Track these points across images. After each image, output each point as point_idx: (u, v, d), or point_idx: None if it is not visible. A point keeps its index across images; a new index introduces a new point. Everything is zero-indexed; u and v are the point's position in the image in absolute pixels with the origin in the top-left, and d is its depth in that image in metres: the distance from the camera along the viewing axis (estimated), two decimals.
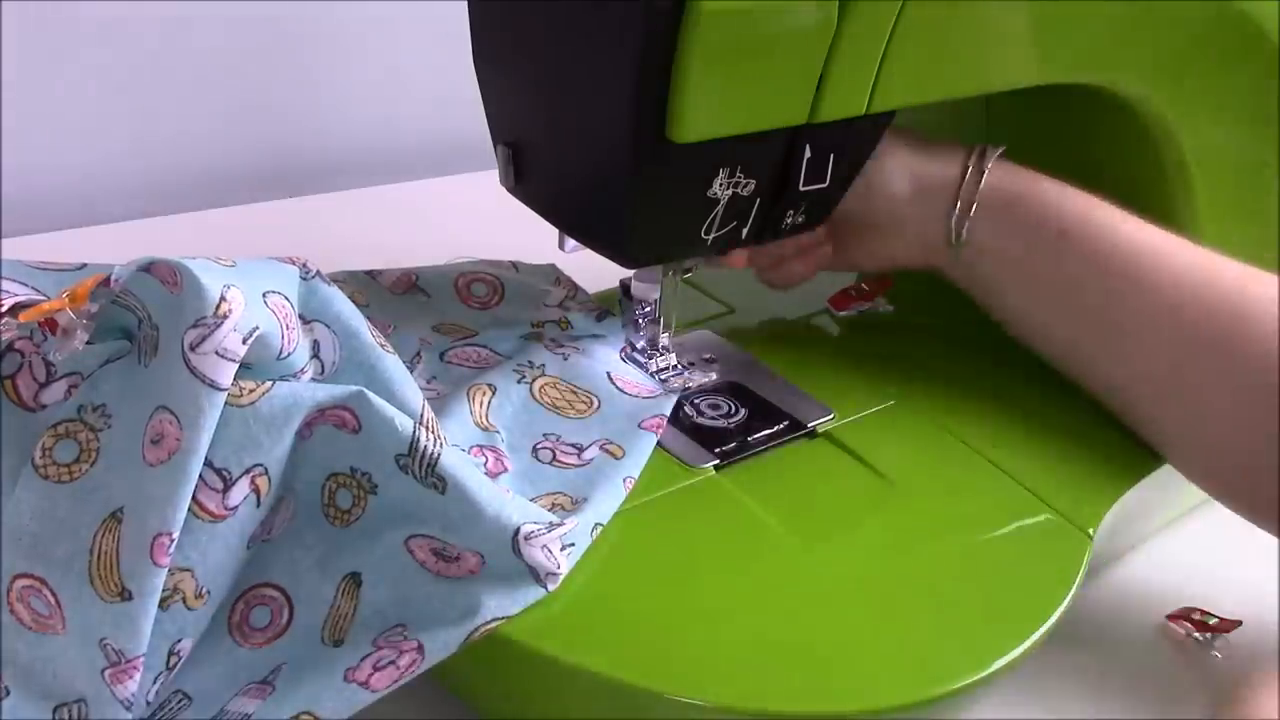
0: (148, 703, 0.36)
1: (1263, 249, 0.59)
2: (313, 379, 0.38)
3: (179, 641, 0.36)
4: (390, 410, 0.37)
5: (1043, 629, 0.43)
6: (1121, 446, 0.54)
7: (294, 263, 0.38)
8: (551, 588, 0.39)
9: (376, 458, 0.38)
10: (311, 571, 0.39)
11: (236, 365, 0.34)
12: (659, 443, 0.50)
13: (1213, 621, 0.51)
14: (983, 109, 0.64)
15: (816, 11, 0.40)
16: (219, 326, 0.33)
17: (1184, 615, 0.52)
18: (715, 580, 0.44)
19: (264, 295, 0.36)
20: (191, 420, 0.33)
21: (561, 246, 0.50)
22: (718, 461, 0.49)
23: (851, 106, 0.43)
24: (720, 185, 0.44)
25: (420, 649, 0.36)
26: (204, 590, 0.36)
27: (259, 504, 0.36)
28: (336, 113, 0.93)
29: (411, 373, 0.41)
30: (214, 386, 0.33)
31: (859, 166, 0.49)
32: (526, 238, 0.55)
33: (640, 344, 0.54)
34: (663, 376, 0.53)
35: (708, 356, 0.56)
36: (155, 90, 0.84)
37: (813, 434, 0.52)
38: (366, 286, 0.43)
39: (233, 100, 0.88)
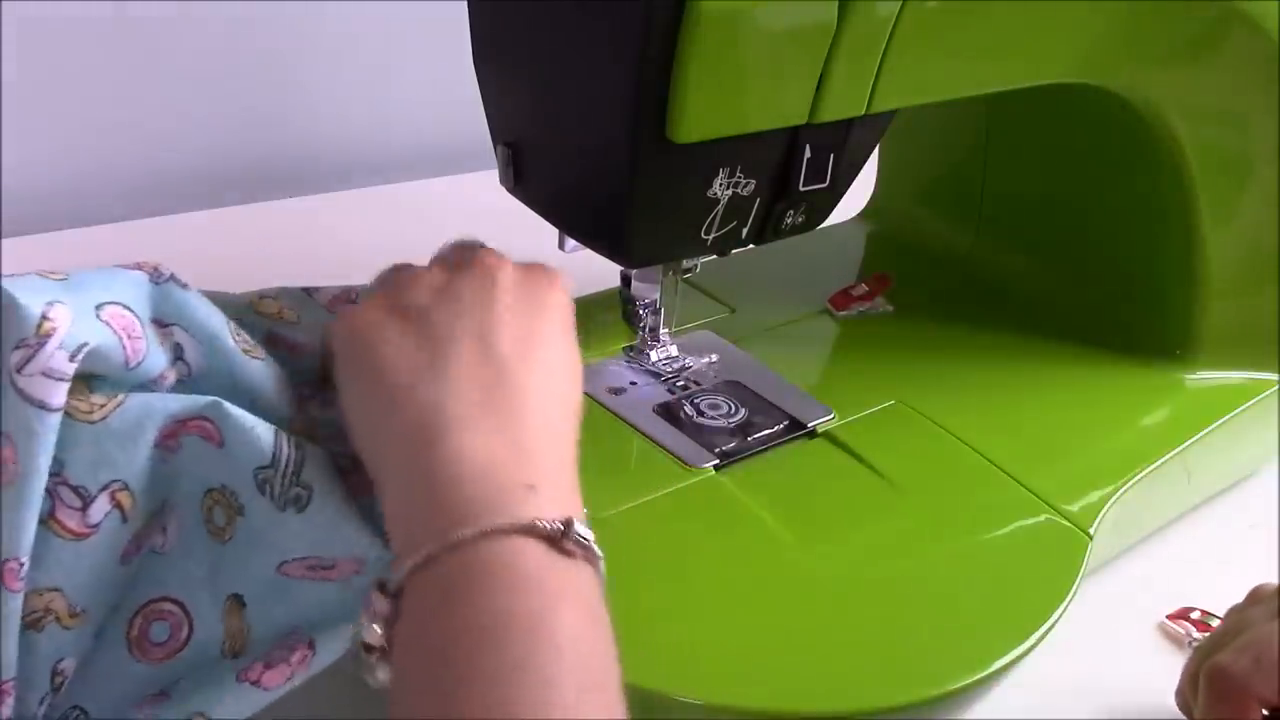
0: None
1: (1262, 249, 0.59)
2: (179, 381, 0.38)
3: (60, 661, 0.36)
4: (249, 420, 0.36)
5: (1043, 629, 0.43)
6: (1121, 446, 0.54)
7: (142, 268, 0.37)
8: None
9: (240, 475, 0.37)
10: (204, 587, 0.39)
11: (67, 384, 0.33)
12: (659, 443, 0.50)
13: (1213, 622, 0.51)
14: (983, 109, 0.64)
15: (816, 11, 0.40)
16: (42, 347, 0.33)
17: (1184, 615, 0.52)
18: (715, 580, 0.44)
19: (97, 308, 0.35)
20: (25, 444, 0.33)
21: (561, 246, 0.50)
22: (718, 461, 0.49)
23: (851, 106, 0.43)
24: (720, 185, 0.44)
25: (311, 645, 0.37)
26: (78, 609, 0.36)
27: (124, 519, 0.36)
28: (337, 113, 0.93)
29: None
30: (44, 408, 0.33)
31: (859, 166, 0.49)
32: (526, 238, 0.55)
33: (641, 334, 0.54)
34: (663, 366, 0.54)
35: (708, 357, 0.56)
36: (155, 90, 0.84)
37: (813, 434, 0.52)
38: (301, 303, 0.42)
39: (232, 100, 0.88)
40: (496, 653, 0.29)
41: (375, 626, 0.32)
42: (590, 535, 0.32)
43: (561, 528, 0.32)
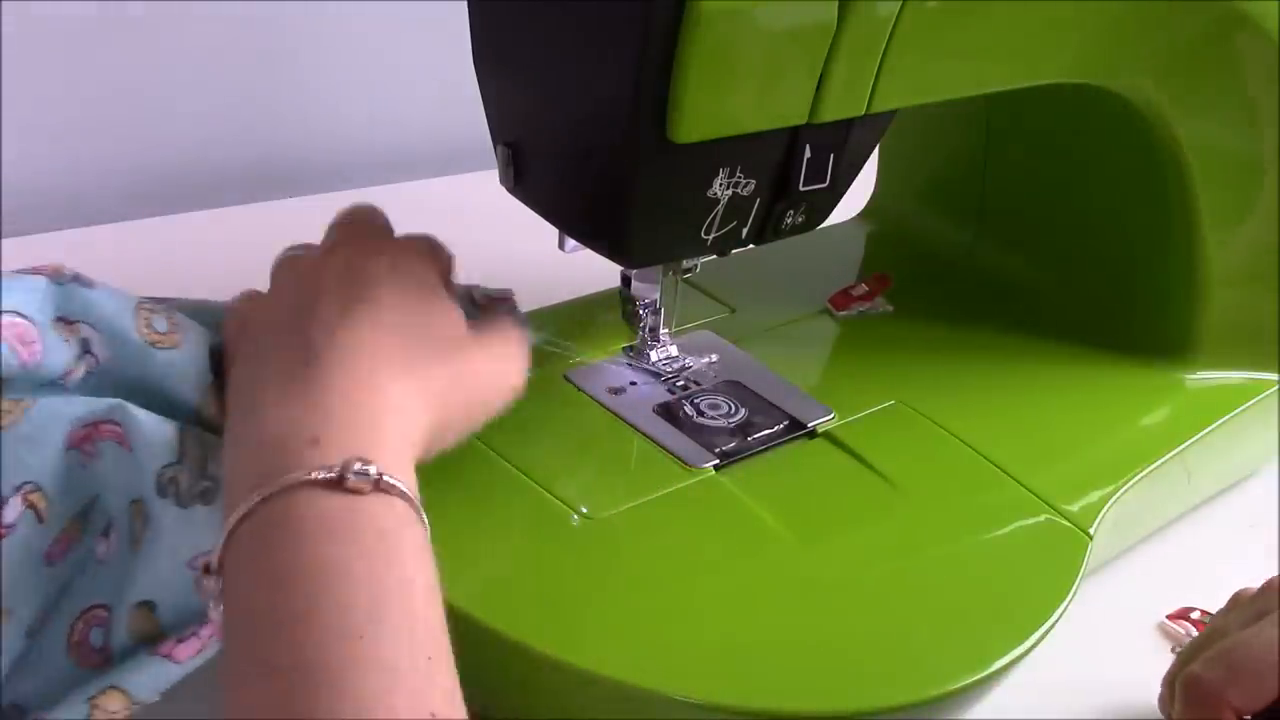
0: None
1: (1263, 249, 0.59)
2: (88, 373, 0.38)
3: None
4: (153, 420, 0.37)
5: (1043, 629, 0.43)
6: (1121, 446, 0.54)
7: (41, 272, 0.38)
8: None
9: (145, 478, 0.38)
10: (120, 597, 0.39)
11: None
12: (659, 443, 0.50)
13: None
14: (983, 109, 0.64)
15: (816, 11, 0.40)
16: None
17: (1184, 615, 0.52)
18: (715, 580, 0.44)
19: None
20: None
21: (561, 246, 0.50)
22: (718, 461, 0.49)
23: (851, 106, 0.43)
24: (720, 185, 0.44)
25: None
26: (4, 607, 0.36)
27: (40, 519, 0.37)
28: (337, 113, 0.93)
29: None
30: None
31: (859, 166, 0.49)
32: (526, 238, 0.55)
33: (641, 334, 0.54)
34: (663, 366, 0.54)
35: (708, 357, 0.56)
36: (155, 91, 0.84)
37: (813, 434, 0.52)
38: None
39: (233, 100, 0.88)
40: (285, 602, 0.31)
41: (211, 604, 0.33)
42: (375, 470, 0.33)
43: (339, 472, 0.32)
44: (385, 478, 0.33)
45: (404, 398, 0.37)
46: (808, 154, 0.45)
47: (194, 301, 0.43)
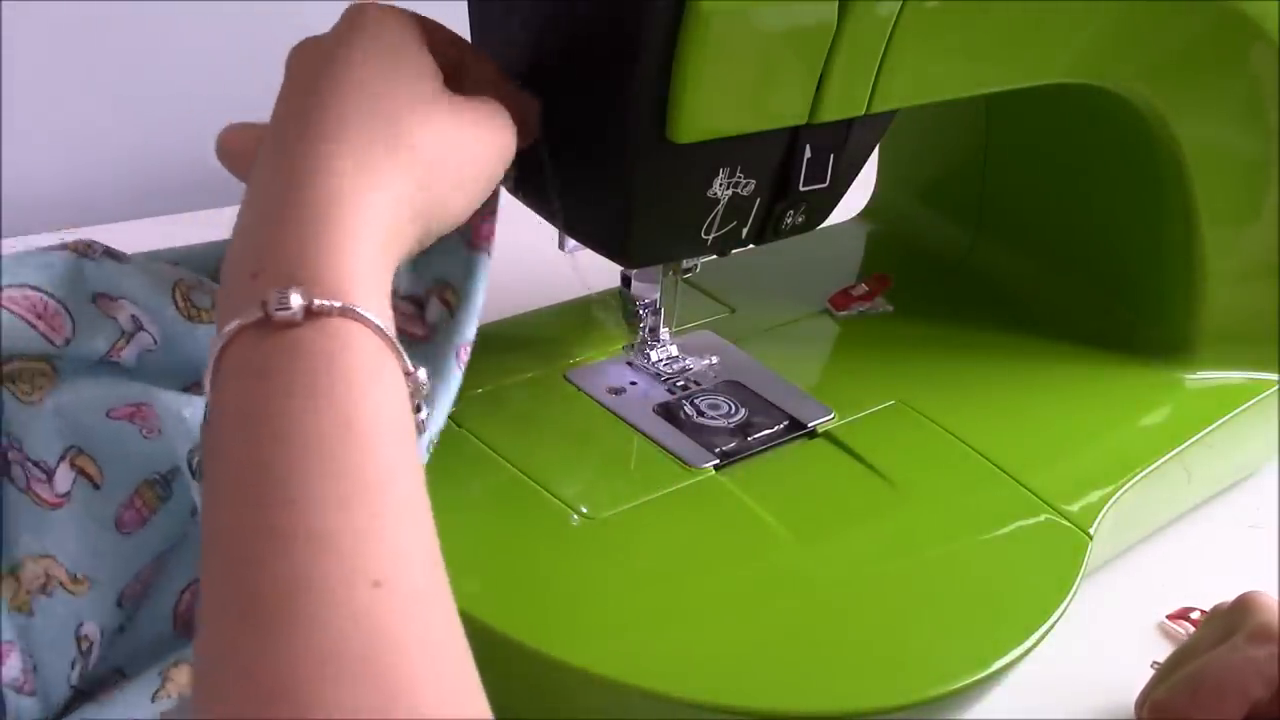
0: (73, 686, 0.37)
1: (1262, 249, 0.59)
2: (146, 352, 0.38)
3: (81, 626, 0.37)
4: (176, 402, 0.36)
5: (1043, 629, 0.43)
6: (1121, 446, 0.54)
7: (68, 247, 0.37)
8: None
9: (180, 462, 0.38)
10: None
11: None
12: (659, 443, 0.50)
13: None
14: (983, 109, 0.64)
15: (816, 11, 0.40)
16: None
17: (1184, 615, 0.52)
18: (715, 580, 0.44)
19: None
20: None
21: (561, 246, 0.50)
22: (718, 461, 0.49)
23: (851, 106, 0.43)
24: (720, 185, 0.44)
25: None
26: (80, 575, 0.37)
27: (97, 486, 0.37)
28: None
29: None
30: None
31: (859, 166, 0.49)
32: (527, 238, 0.55)
33: (641, 334, 0.54)
34: (663, 366, 0.54)
35: (708, 357, 0.56)
36: (156, 91, 0.84)
37: (813, 434, 0.52)
38: None
39: (233, 100, 0.88)
40: (219, 467, 0.28)
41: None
42: (300, 298, 0.29)
43: (262, 310, 0.29)
44: (317, 302, 0.29)
45: (370, 185, 0.32)
46: (808, 154, 0.45)
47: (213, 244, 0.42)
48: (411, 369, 0.31)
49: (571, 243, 0.49)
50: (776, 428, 0.52)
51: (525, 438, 0.49)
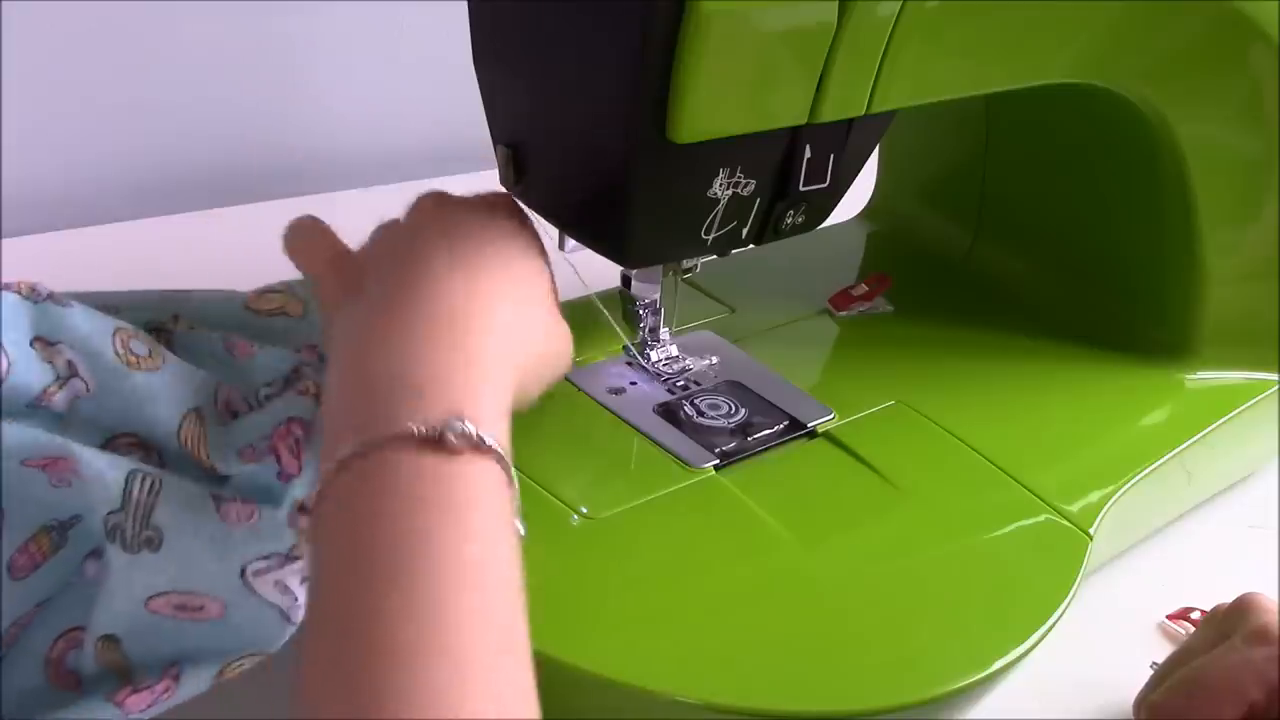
0: None
1: (1262, 249, 0.59)
2: (77, 399, 0.37)
3: None
4: (99, 463, 0.36)
5: (1043, 629, 0.43)
6: (1121, 446, 0.54)
7: (11, 288, 0.37)
8: (297, 620, 0.38)
9: (96, 520, 0.37)
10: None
11: None
12: (659, 443, 0.50)
13: None
14: (983, 109, 0.64)
15: (816, 11, 0.40)
16: None
17: (1184, 615, 0.52)
18: (715, 580, 0.44)
19: None
20: None
21: (561, 246, 0.50)
22: (718, 462, 0.49)
23: (851, 106, 0.43)
24: (720, 185, 0.44)
25: (177, 677, 0.37)
26: None
27: None
28: (336, 113, 0.93)
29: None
30: None
31: (859, 166, 0.49)
32: None
33: (641, 334, 0.54)
34: (663, 366, 0.54)
35: (708, 357, 0.56)
36: (155, 91, 0.84)
37: (813, 434, 0.52)
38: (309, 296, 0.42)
39: (232, 100, 0.88)
40: (363, 569, 0.30)
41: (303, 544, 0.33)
42: (476, 430, 0.32)
43: (439, 429, 0.31)
44: (484, 437, 0.32)
45: (501, 346, 0.36)
46: (808, 154, 0.45)
47: (215, 292, 0.42)
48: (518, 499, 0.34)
49: (571, 243, 0.49)
50: (776, 428, 0.52)
51: (525, 438, 0.49)
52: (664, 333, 0.54)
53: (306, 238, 0.42)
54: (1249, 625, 0.42)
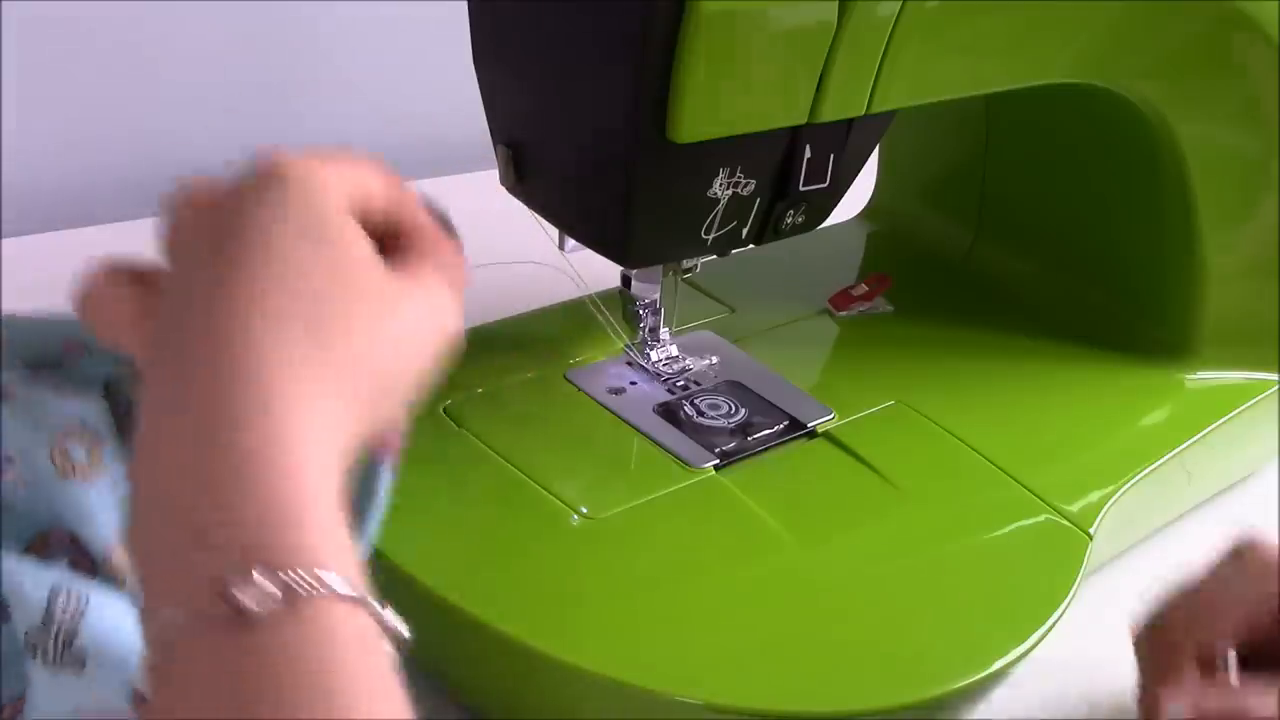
0: None
1: (1262, 249, 0.59)
2: (16, 488, 0.36)
3: None
4: (18, 576, 0.34)
5: (1043, 629, 0.43)
6: (1121, 446, 0.54)
7: None
8: None
9: (18, 635, 0.35)
10: None
11: None
12: (659, 443, 0.50)
13: None
14: (983, 109, 0.64)
15: (816, 11, 0.40)
16: None
17: None
18: (715, 580, 0.44)
19: None
20: None
21: (561, 246, 0.50)
22: (718, 461, 0.49)
23: (851, 106, 0.43)
24: (720, 185, 0.44)
25: None
26: None
27: None
28: (336, 113, 0.93)
29: None
30: None
31: (859, 166, 0.49)
32: (526, 238, 0.55)
33: (641, 334, 0.54)
34: (663, 366, 0.54)
35: (708, 357, 0.56)
36: (156, 90, 0.84)
37: (813, 434, 0.52)
38: None
39: (232, 100, 0.88)
40: None
41: None
42: (316, 582, 0.24)
43: (247, 601, 0.24)
44: (294, 586, 0.24)
45: (320, 411, 0.27)
46: (808, 154, 0.45)
47: (35, 319, 0.38)
48: (391, 622, 0.27)
49: (571, 243, 0.49)
50: (776, 428, 0.52)
51: (525, 438, 0.49)
52: (664, 333, 0.54)
53: (97, 305, 0.34)
54: (1249, 552, 0.42)
